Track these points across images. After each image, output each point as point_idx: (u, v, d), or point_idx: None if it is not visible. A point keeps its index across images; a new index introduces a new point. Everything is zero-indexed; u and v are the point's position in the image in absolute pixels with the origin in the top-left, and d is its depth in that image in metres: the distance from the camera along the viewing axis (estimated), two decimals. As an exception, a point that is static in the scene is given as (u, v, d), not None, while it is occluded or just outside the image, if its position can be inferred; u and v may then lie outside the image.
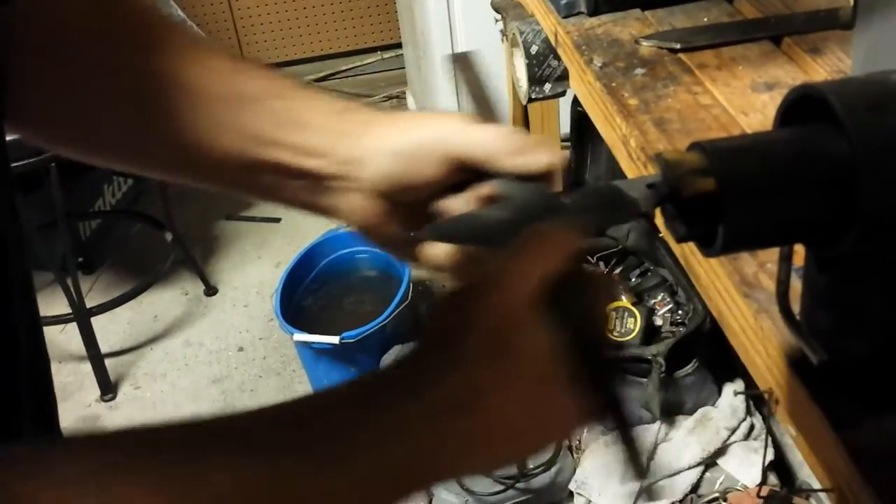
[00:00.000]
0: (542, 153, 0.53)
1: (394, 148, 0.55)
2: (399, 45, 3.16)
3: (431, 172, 0.54)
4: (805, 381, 0.59)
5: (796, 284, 0.58)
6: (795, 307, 0.58)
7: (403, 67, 3.16)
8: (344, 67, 3.42)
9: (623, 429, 0.46)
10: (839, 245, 0.50)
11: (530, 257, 0.46)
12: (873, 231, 0.48)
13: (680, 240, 0.52)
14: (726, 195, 0.49)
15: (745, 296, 0.67)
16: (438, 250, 0.57)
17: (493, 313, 0.44)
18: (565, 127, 2.01)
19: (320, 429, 0.41)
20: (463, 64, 2.02)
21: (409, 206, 0.57)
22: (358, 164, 0.56)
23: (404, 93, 3.26)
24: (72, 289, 2.16)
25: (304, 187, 0.57)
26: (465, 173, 0.54)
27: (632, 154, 0.87)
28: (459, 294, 0.46)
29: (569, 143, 2.16)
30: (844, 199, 0.48)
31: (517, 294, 0.44)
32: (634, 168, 0.88)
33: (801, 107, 0.52)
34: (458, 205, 0.56)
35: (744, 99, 0.90)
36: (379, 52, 3.42)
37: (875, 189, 0.47)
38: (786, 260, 0.56)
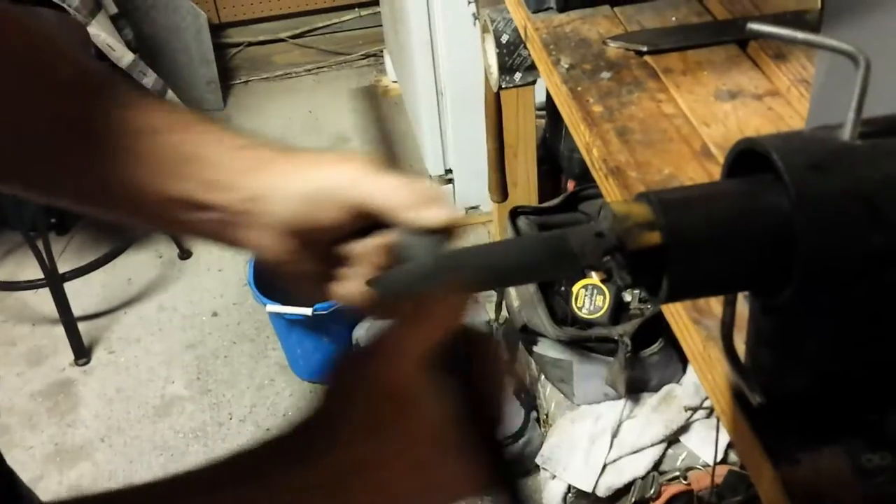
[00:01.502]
0: (439, 209, 0.53)
1: (295, 190, 0.55)
2: (377, 2, 3.12)
3: (332, 217, 0.54)
4: (746, 414, 0.61)
5: (743, 311, 0.59)
6: (741, 337, 0.60)
7: (381, 25, 3.13)
8: (320, 24, 3.37)
9: (514, 496, 0.47)
10: (779, 296, 0.51)
11: (419, 324, 0.46)
12: (809, 285, 0.50)
13: (625, 287, 0.53)
14: (671, 249, 0.50)
15: (696, 322, 0.69)
16: (349, 286, 0.57)
17: (377, 386, 0.44)
18: (541, 96, 2.01)
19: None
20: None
21: (318, 246, 0.57)
22: (262, 201, 0.55)
23: (381, 51, 3.23)
24: (44, 253, 2.15)
25: (213, 221, 0.57)
26: (367, 220, 0.55)
27: (595, 163, 0.88)
28: (346, 363, 0.46)
29: (544, 114, 2.16)
30: (784, 254, 0.50)
31: (405, 363, 0.44)
32: (597, 176, 0.89)
33: (748, 156, 0.53)
34: (360, 250, 0.56)
35: (706, 108, 0.90)
36: (357, 10, 3.37)
37: (812, 246, 0.49)
38: (730, 304, 0.58)
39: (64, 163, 0.57)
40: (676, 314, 0.72)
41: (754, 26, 0.52)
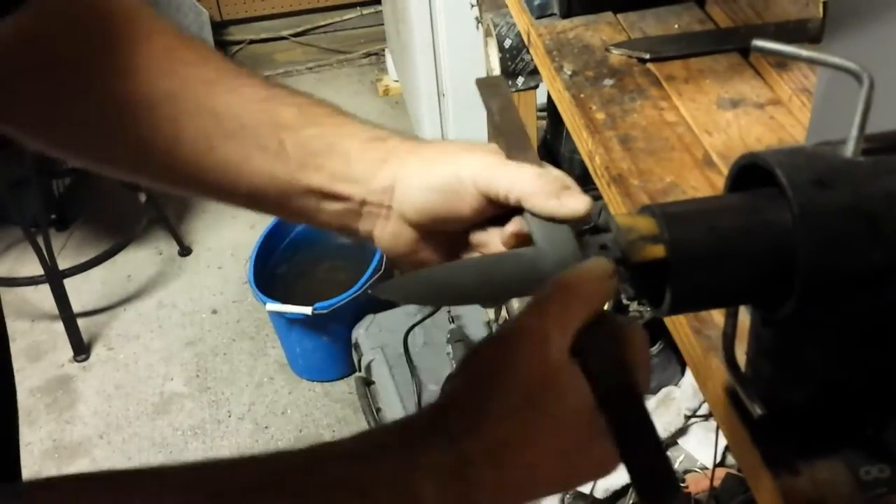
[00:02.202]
0: (574, 199, 0.54)
1: (429, 181, 0.56)
2: (379, 1, 3.12)
3: (465, 207, 0.55)
4: (746, 424, 0.62)
5: (745, 322, 0.60)
6: (742, 348, 0.61)
7: (383, 24, 3.13)
8: (322, 23, 3.37)
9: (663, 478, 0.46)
10: (780, 309, 0.52)
11: (563, 305, 0.46)
12: (810, 300, 0.50)
13: (629, 299, 0.54)
14: (674, 263, 0.50)
15: (696, 332, 0.69)
16: None
17: (526, 365, 0.45)
18: (542, 98, 2.01)
19: (339, 478, 0.42)
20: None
21: (443, 236, 0.58)
22: (392, 193, 0.57)
23: (383, 50, 3.23)
24: (43, 249, 2.15)
25: (340, 212, 0.59)
26: (497, 208, 0.55)
27: (597, 171, 0.89)
28: (492, 342, 0.47)
29: (545, 115, 2.16)
30: (786, 269, 0.50)
31: (551, 344, 0.45)
32: (600, 184, 0.89)
33: (751, 170, 0.54)
34: (489, 238, 0.57)
35: (708, 116, 0.91)
36: (358, 8, 3.37)
37: (813, 262, 0.49)
38: (732, 316, 0.59)
39: (187, 153, 0.59)
40: (677, 323, 0.73)
41: (759, 43, 0.52)
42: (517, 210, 0.54)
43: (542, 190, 0.53)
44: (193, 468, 0.42)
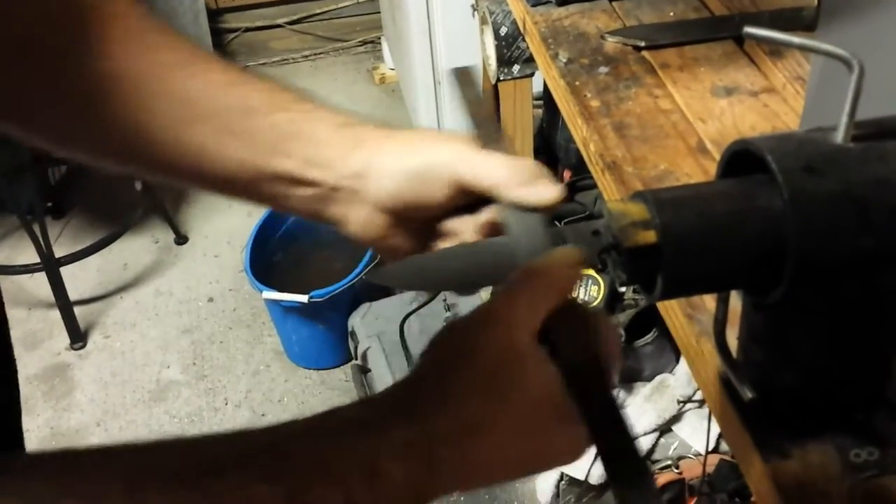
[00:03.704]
0: (545, 187, 0.54)
1: (401, 167, 0.56)
2: (375, -11, 3.12)
3: (437, 195, 0.56)
4: (737, 409, 0.62)
5: (736, 307, 0.60)
6: (734, 333, 0.61)
7: (379, 12, 3.13)
8: (318, 10, 3.36)
9: (630, 461, 0.46)
10: (770, 294, 0.52)
11: (531, 292, 0.47)
12: (799, 286, 0.51)
13: (621, 285, 0.54)
14: (665, 248, 0.51)
15: (689, 317, 0.70)
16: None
17: (493, 348, 0.45)
18: (538, 86, 2.01)
19: (303, 456, 0.42)
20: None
21: (415, 224, 0.58)
22: (364, 178, 0.57)
23: (380, 38, 3.23)
24: (39, 237, 2.15)
25: (310, 197, 0.59)
26: (469, 197, 0.56)
27: (591, 158, 0.89)
28: (461, 325, 0.47)
29: (541, 103, 2.16)
30: (776, 254, 0.51)
31: (517, 329, 0.46)
32: (594, 171, 0.89)
33: (742, 156, 0.54)
34: (461, 227, 0.57)
35: (703, 104, 0.91)
36: (354, -4, 3.37)
37: (803, 247, 0.50)
38: (723, 301, 0.59)
39: (158, 139, 0.59)
40: (670, 309, 0.73)
41: (751, 30, 0.53)
42: (489, 199, 0.55)
43: (513, 179, 0.53)
44: (150, 448, 0.42)
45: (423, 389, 0.45)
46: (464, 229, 0.57)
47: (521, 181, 0.54)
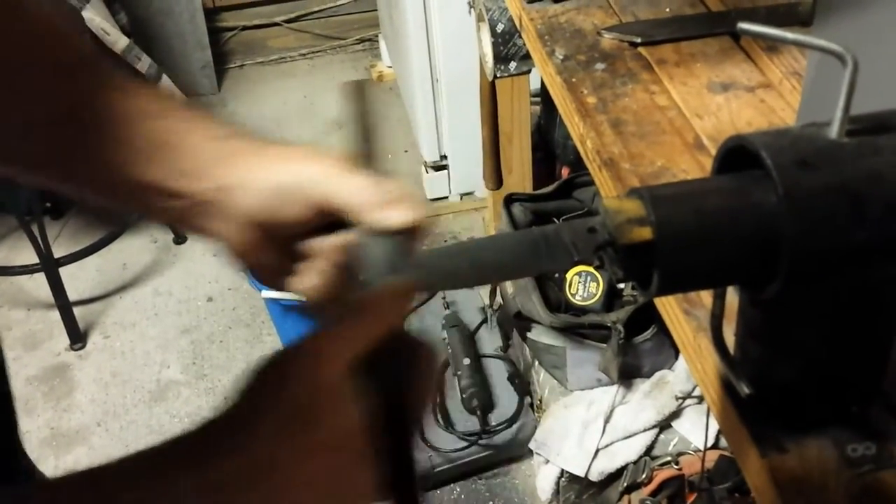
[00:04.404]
0: (402, 210, 0.53)
1: (261, 183, 0.55)
2: (372, -13, 3.12)
3: (296, 213, 0.55)
4: (735, 404, 0.62)
5: (733, 303, 0.60)
6: (731, 329, 0.61)
7: (376, 10, 3.13)
8: (316, 9, 3.36)
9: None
10: (766, 290, 0.53)
11: (351, 325, 0.46)
12: (794, 281, 0.51)
13: (618, 281, 0.54)
14: (661, 244, 0.51)
15: (686, 313, 0.70)
16: (306, 281, 0.57)
17: (299, 383, 0.44)
18: (535, 83, 2.01)
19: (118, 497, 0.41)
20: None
21: (283, 240, 0.57)
22: (230, 192, 0.56)
23: (377, 36, 3.23)
24: (38, 237, 2.15)
25: (182, 209, 0.57)
26: (332, 217, 0.55)
27: (588, 155, 0.89)
28: (271, 361, 0.46)
29: (538, 100, 2.17)
30: (771, 249, 0.51)
31: (327, 364, 0.44)
32: (591, 168, 0.90)
33: (738, 152, 0.54)
34: (321, 246, 0.56)
35: (699, 100, 0.91)
36: (352, -6, 3.37)
37: (798, 242, 0.50)
38: (719, 297, 0.59)
39: (59, 147, 0.58)
40: (668, 305, 0.73)
41: (744, 26, 0.53)
42: (348, 221, 0.54)
43: (367, 201, 0.53)
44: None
45: (229, 426, 0.44)
46: (322, 249, 0.56)
47: (373, 204, 0.53)
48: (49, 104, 0.58)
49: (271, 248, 0.57)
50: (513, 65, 1.23)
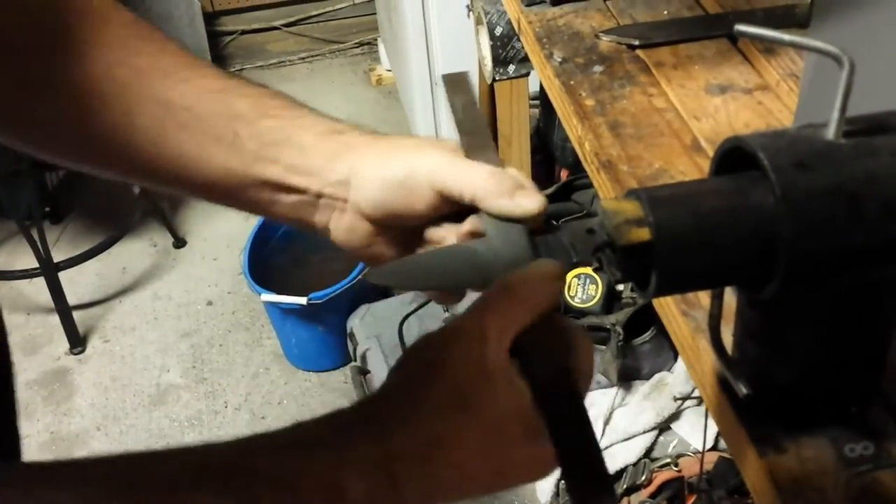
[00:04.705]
0: (527, 198, 0.54)
1: (384, 176, 0.56)
2: (371, -9, 3.13)
3: (419, 203, 0.55)
4: (733, 405, 0.63)
5: (731, 303, 0.61)
6: (729, 329, 0.62)
7: (375, 14, 3.13)
8: (314, 12, 3.37)
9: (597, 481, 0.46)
10: (764, 291, 0.53)
11: (504, 307, 0.47)
12: (792, 281, 0.51)
13: (616, 282, 0.55)
14: (659, 245, 0.51)
15: (684, 314, 0.70)
16: None
17: (462, 364, 0.45)
18: (534, 86, 2.02)
19: (266, 471, 0.42)
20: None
21: (399, 231, 0.58)
22: (348, 186, 0.57)
23: (376, 40, 3.23)
24: (38, 242, 2.15)
25: (295, 204, 0.59)
26: (452, 206, 0.55)
27: (586, 157, 0.89)
28: (431, 340, 0.47)
29: (537, 103, 2.17)
30: (769, 250, 0.51)
31: (487, 345, 0.46)
32: (589, 170, 0.90)
33: (735, 154, 0.54)
34: (445, 235, 0.57)
35: (697, 102, 0.92)
36: (351, -3, 3.37)
37: (795, 243, 0.50)
38: (717, 297, 0.60)
39: (172, 148, 0.59)
40: (666, 306, 0.74)
41: (741, 28, 0.53)
42: (473, 208, 0.55)
43: (495, 189, 0.53)
44: (108, 462, 0.42)
45: (391, 405, 0.45)
46: (447, 238, 0.57)
47: (502, 191, 0.53)
48: (155, 105, 0.58)
49: (391, 241, 0.58)
50: (511, 68, 1.23)
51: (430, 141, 0.58)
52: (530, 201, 0.54)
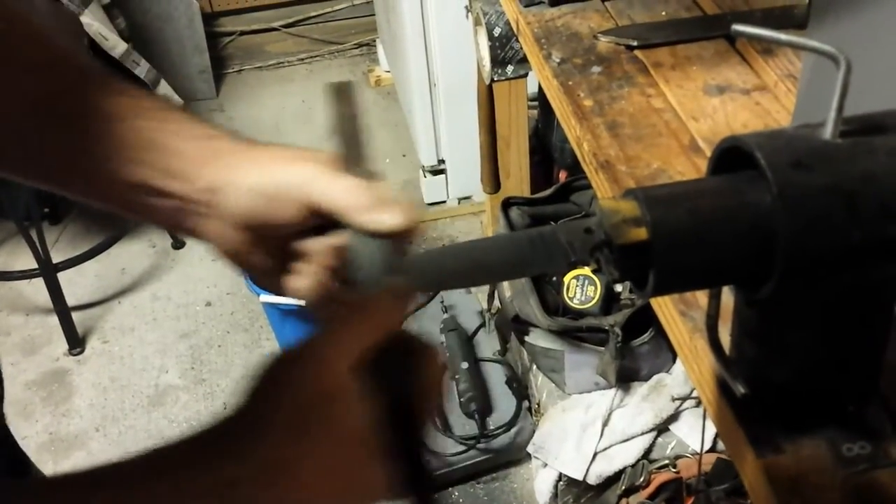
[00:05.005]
0: (394, 213, 0.53)
1: (253, 184, 0.55)
2: (370, -8, 3.13)
3: (286, 214, 0.55)
4: (730, 405, 0.63)
5: (728, 303, 0.61)
6: (727, 329, 0.62)
7: (374, 15, 3.13)
8: (313, 13, 3.37)
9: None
10: (761, 290, 0.53)
11: (353, 327, 0.47)
12: (789, 280, 0.51)
13: (614, 282, 0.55)
14: (656, 245, 0.51)
15: (682, 314, 0.70)
16: (301, 283, 0.58)
17: (305, 384, 0.45)
18: (533, 87, 2.02)
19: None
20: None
21: (273, 241, 0.57)
22: (220, 193, 0.56)
23: (374, 41, 3.23)
24: (37, 243, 2.15)
25: (172, 209, 0.58)
26: (322, 218, 0.55)
27: (585, 157, 0.90)
28: (276, 362, 0.46)
29: (536, 104, 2.17)
30: (766, 249, 0.51)
31: (331, 365, 0.45)
32: (588, 170, 0.90)
33: (733, 153, 0.55)
34: (312, 248, 0.56)
35: (695, 103, 0.92)
36: (349, -1, 3.37)
37: (793, 242, 0.50)
38: (715, 297, 0.60)
39: (40, 145, 0.58)
40: (664, 306, 0.74)
41: (739, 28, 0.53)
42: (339, 223, 0.54)
43: (357, 204, 0.53)
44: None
45: (238, 427, 0.44)
46: (314, 251, 0.56)
47: (362, 206, 0.53)
48: (21, 101, 0.57)
49: (263, 249, 0.57)
50: (510, 68, 1.23)
51: (305, 152, 0.57)
52: (390, 217, 0.52)
